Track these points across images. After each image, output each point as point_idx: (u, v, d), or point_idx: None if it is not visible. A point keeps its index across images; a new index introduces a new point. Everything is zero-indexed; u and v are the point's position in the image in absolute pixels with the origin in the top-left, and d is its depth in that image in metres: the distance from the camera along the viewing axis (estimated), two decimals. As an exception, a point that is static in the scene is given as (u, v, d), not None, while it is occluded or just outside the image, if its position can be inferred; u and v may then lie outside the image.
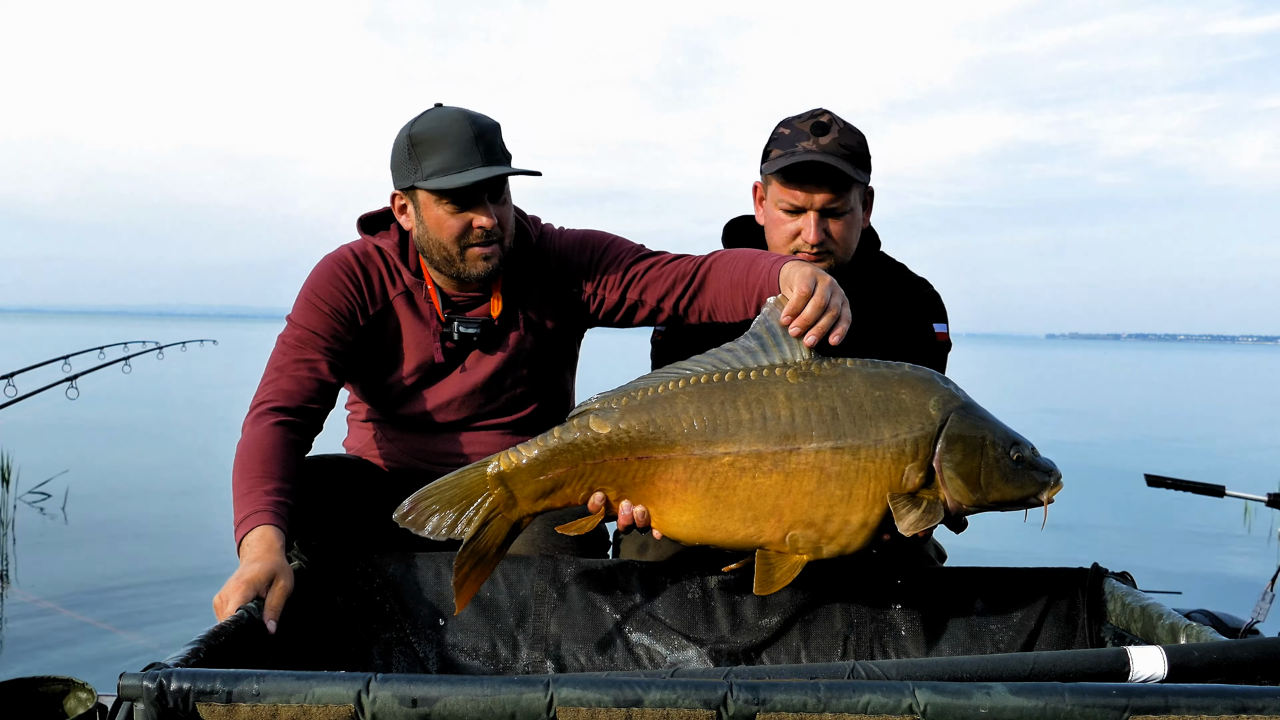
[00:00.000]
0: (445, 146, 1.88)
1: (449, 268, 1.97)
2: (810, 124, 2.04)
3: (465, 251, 1.94)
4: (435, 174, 1.88)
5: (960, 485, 1.57)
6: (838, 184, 2.01)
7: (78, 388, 6.12)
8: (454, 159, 1.87)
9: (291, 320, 2.00)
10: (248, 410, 1.91)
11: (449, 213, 1.91)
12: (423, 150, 1.89)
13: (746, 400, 1.58)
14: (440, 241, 1.94)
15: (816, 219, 2.02)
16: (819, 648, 1.79)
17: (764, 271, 1.80)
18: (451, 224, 1.91)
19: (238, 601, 1.51)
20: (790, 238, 2.05)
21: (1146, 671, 1.38)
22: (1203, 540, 6.46)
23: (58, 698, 1.74)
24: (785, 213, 2.05)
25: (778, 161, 2.03)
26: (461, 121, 1.89)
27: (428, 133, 1.90)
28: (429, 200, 1.92)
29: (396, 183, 1.96)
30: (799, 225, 2.04)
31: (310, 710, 1.10)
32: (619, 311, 2.07)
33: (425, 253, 1.98)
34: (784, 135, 2.06)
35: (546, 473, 1.62)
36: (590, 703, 1.10)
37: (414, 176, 1.91)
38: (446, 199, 1.90)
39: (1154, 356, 79.18)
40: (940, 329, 2.21)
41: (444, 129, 1.89)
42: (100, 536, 5.59)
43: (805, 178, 2.01)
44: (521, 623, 1.79)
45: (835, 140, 2.02)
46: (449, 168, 1.87)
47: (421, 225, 1.95)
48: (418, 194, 1.93)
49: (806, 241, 2.03)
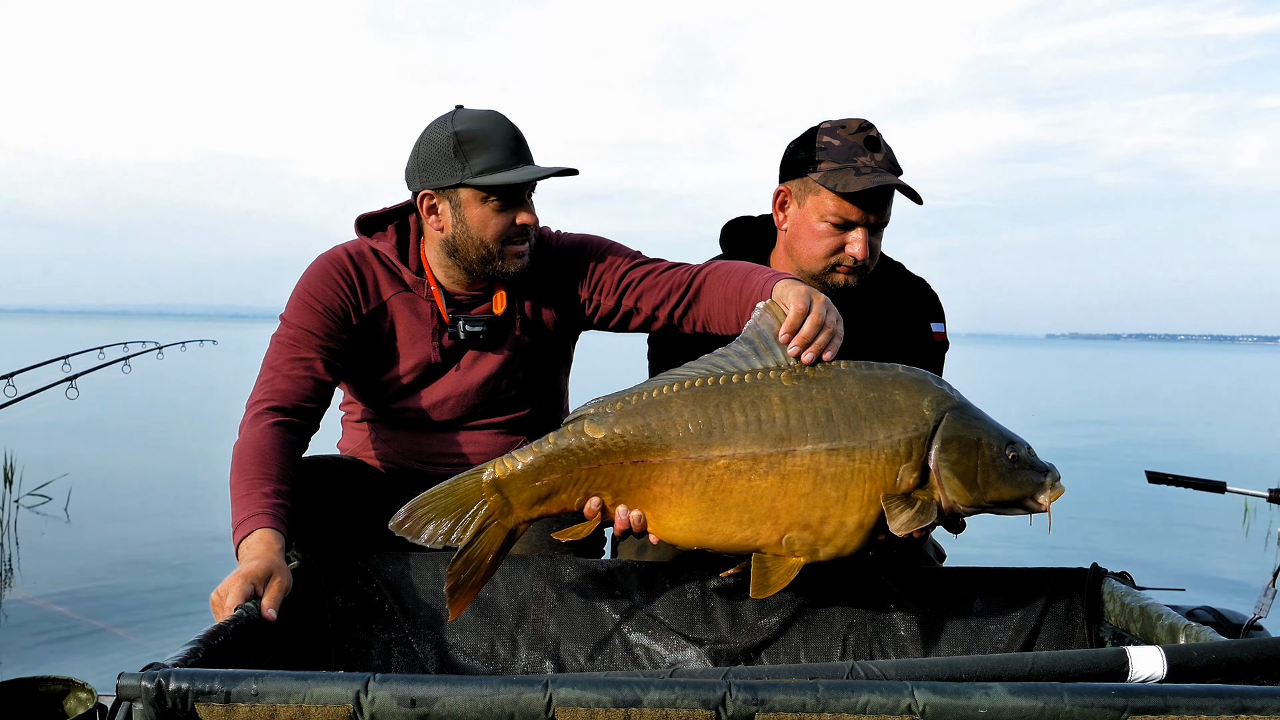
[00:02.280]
0: (494, 145, 1.91)
1: (484, 266, 1.98)
2: (863, 138, 2.01)
3: (505, 249, 1.96)
4: (486, 171, 1.90)
5: (957, 485, 1.57)
6: (889, 201, 2.03)
7: (78, 388, 6.12)
8: (504, 158, 1.91)
9: (285, 320, 2.00)
10: (244, 411, 1.91)
11: (494, 210, 1.93)
12: (470, 148, 1.91)
13: (741, 403, 1.58)
14: (483, 240, 1.95)
15: (866, 235, 2.02)
16: (818, 648, 1.79)
17: (757, 288, 1.80)
18: (497, 222, 1.94)
19: (237, 595, 1.50)
20: (832, 250, 2.03)
21: (1145, 672, 1.38)
22: (1204, 537, 6.47)
23: (58, 698, 1.74)
24: (833, 226, 2.02)
25: (838, 176, 1.99)
26: (504, 122, 1.94)
27: (474, 132, 1.92)
28: (473, 199, 1.93)
29: (431, 182, 1.95)
30: (844, 240, 2.02)
31: (309, 710, 1.10)
32: (614, 317, 2.08)
33: (459, 252, 1.98)
34: (834, 146, 2.02)
35: (542, 479, 1.62)
36: (589, 703, 1.10)
37: (461, 174, 1.92)
38: (494, 198, 1.92)
39: (1154, 356, 79.20)
40: (938, 329, 2.21)
41: (489, 129, 1.92)
42: (100, 537, 5.59)
43: (872, 196, 1.99)
44: (520, 623, 1.79)
45: (886, 156, 2.01)
46: (500, 166, 1.90)
47: (461, 224, 1.95)
48: (460, 193, 1.94)
49: (855, 257, 2.02)
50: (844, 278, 2.05)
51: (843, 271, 2.04)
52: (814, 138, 2.05)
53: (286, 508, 1.74)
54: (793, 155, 2.10)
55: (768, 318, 1.64)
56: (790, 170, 2.10)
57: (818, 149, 2.04)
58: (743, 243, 2.21)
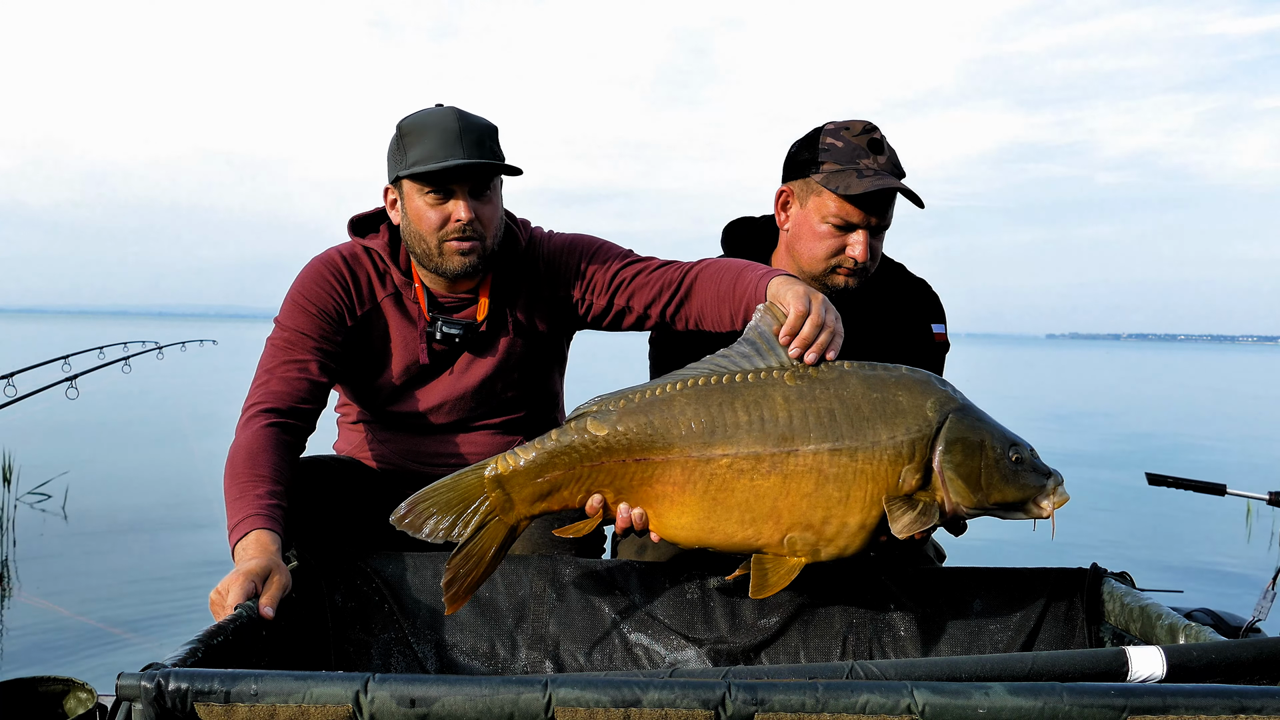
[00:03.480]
0: (429, 137, 1.91)
1: (429, 262, 1.98)
2: (866, 140, 2.01)
3: (443, 245, 1.95)
4: (417, 162, 1.91)
5: (961, 487, 1.57)
6: (891, 204, 2.03)
7: (78, 388, 6.11)
8: (435, 149, 1.90)
9: (279, 322, 2.01)
10: (240, 414, 1.91)
11: (429, 204, 1.93)
12: (409, 141, 1.92)
13: (744, 402, 1.58)
14: (420, 233, 1.95)
15: (867, 237, 2.02)
16: (818, 648, 1.79)
17: (751, 285, 1.79)
18: (430, 216, 1.93)
19: (238, 594, 1.50)
20: (833, 252, 2.03)
21: (1145, 672, 1.38)
22: (1204, 539, 6.46)
23: (58, 698, 1.75)
24: (835, 227, 2.02)
25: (840, 178, 1.99)
26: (449, 116, 1.93)
27: (415, 124, 1.93)
28: (412, 190, 1.94)
29: (388, 176, 1.99)
30: (845, 241, 2.02)
31: (308, 710, 1.10)
32: (607, 316, 2.07)
33: (409, 246, 2.00)
34: (837, 147, 2.02)
35: (544, 475, 1.62)
36: (588, 703, 1.10)
37: (399, 166, 1.94)
38: (428, 191, 1.92)
39: (1154, 356, 79.17)
40: (939, 329, 2.21)
41: (431, 121, 1.92)
42: (100, 536, 5.58)
43: (873, 199, 1.99)
44: (520, 623, 1.79)
45: (889, 159, 2.01)
46: (429, 157, 1.90)
47: (405, 218, 1.98)
48: (403, 185, 1.95)
49: (855, 259, 2.02)
50: (844, 279, 2.05)
51: (843, 273, 2.04)
52: (818, 139, 2.05)
53: (282, 508, 1.73)
54: (796, 156, 2.09)
55: (769, 319, 1.64)
56: (793, 171, 2.09)
57: (821, 150, 2.03)
58: (744, 243, 2.20)
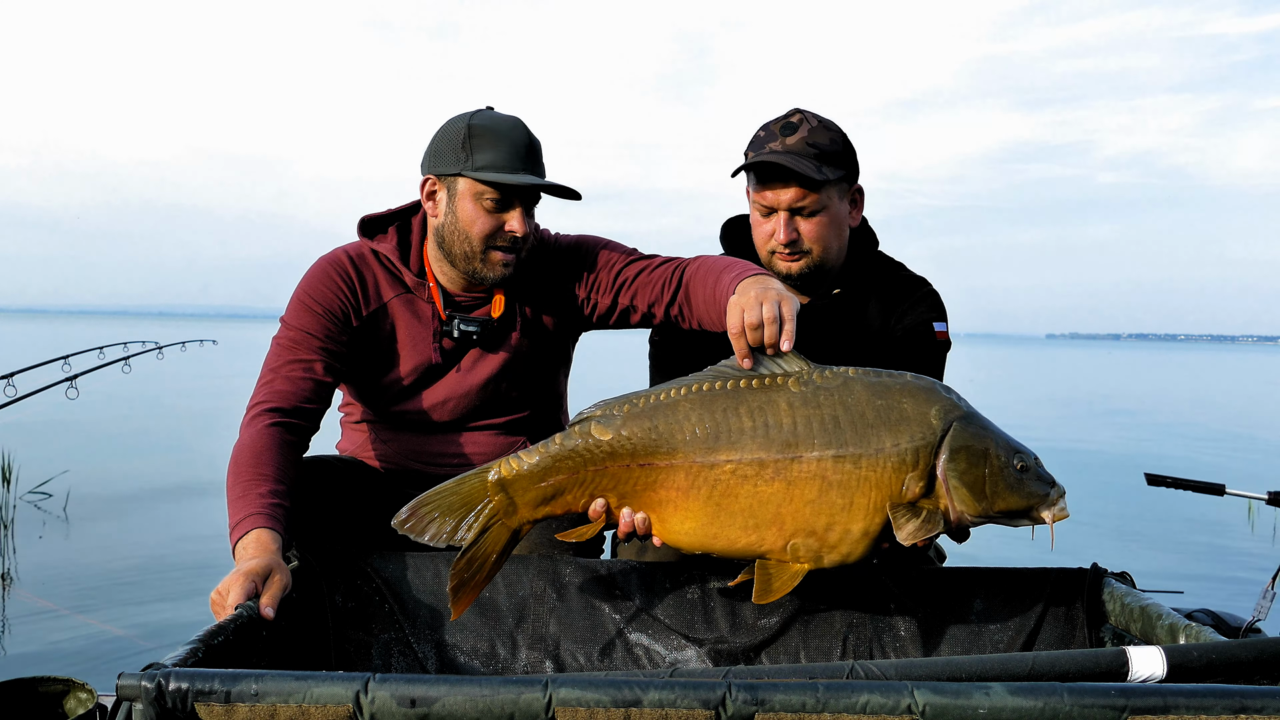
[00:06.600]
0: (502, 145, 1.91)
1: (465, 264, 1.97)
2: (781, 124, 2.04)
3: (488, 253, 1.95)
4: (486, 168, 1.91)
5: (966, 495, 1.57)
6: (804, 182, 2.00)
7: (78, 388, 6.12)
8: (507, 159, 1.91)
9: (285, 322, 2.00)
10: (244, 413, 1.91)
11: (486, 209, 1.93)
12: (479, 142, 1.92)
13: (749, 408, 1.58)
14: (468, 235, 1.95)
15: (786, 219, 2.02)
16: (818, 648, 1.78)
17: (725, 290, 1.80)
18: (485, 221, 1.93)
19: (239, 593, 1.50)
20: (767, 238, 2.06)
21: (1145, 672, 1.38)
22: (1203, 539, 6.46)
23: (58, 698, 1.74)
24: (760, 215, 2.06)
25: (746, 163, 2.04)
26: (520, 128, 1.95)
27: (488, 128, 1.93)
28: (468, 191, 1.93)
29: (436, 167, 1.97)
30: (773, 226, 2.04)
31: (309, 710, 1.10)
32: (612, 315, 2.08)
33: (445, 242, 1.98)
34: (759, 137, 2.07)
35: (547, 479, 1.61)
36: (589, 703, 1.10)
37: (463, 164, 1.92)
38: (488, 195, 1.92)
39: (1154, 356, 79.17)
40: (940, 328, 2.20)
41: (504, 129, 1.93)
42: (100, 536, 5.58)
43: (769, 178, 2.01)
44: (521, 623, 1.79)
45: (803, 139, 2.01)
46: (501, 165, 1.91)
47: (452, 215, 1.96)
48: (458, 182, 1.94)
49: (778, 241, 2.03)
50: (785, 265, 2.06)
51: (781, 258, 2.05)
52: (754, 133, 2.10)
53: (284, 508, 1.73)
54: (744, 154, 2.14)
55: None
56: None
57: (749, 143, 2.09)
58: (740, 240, 2.22)
